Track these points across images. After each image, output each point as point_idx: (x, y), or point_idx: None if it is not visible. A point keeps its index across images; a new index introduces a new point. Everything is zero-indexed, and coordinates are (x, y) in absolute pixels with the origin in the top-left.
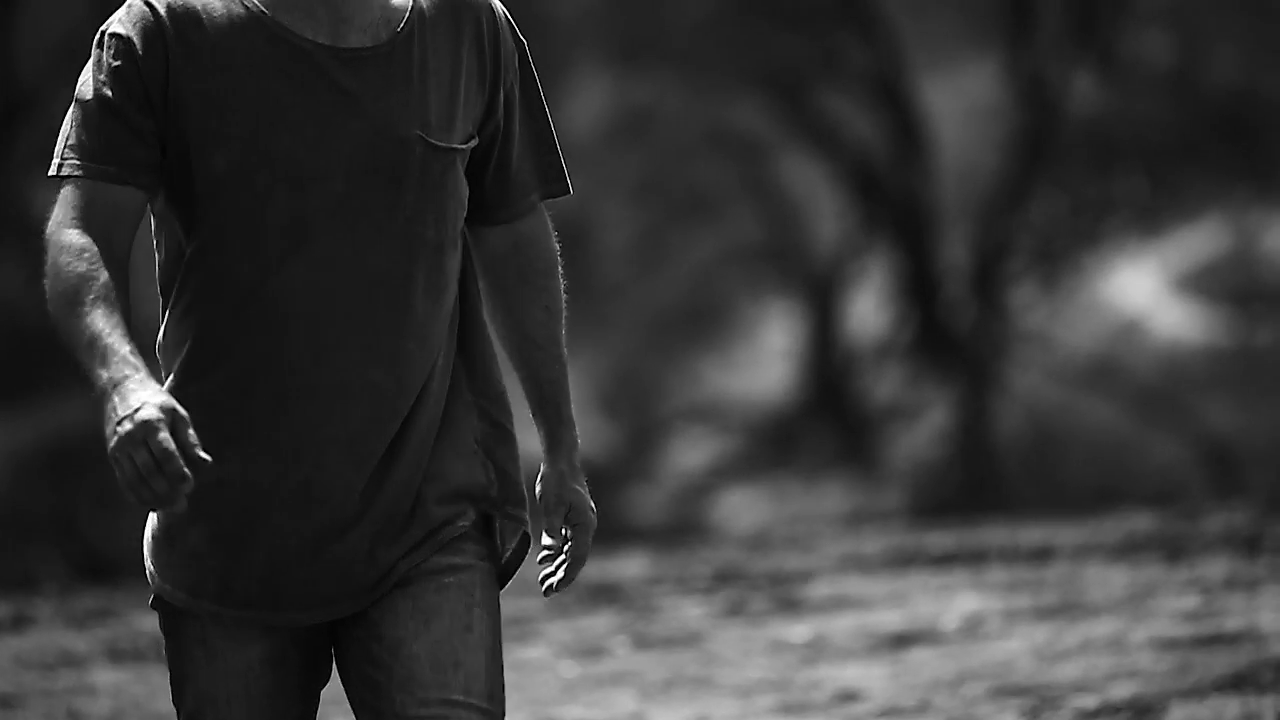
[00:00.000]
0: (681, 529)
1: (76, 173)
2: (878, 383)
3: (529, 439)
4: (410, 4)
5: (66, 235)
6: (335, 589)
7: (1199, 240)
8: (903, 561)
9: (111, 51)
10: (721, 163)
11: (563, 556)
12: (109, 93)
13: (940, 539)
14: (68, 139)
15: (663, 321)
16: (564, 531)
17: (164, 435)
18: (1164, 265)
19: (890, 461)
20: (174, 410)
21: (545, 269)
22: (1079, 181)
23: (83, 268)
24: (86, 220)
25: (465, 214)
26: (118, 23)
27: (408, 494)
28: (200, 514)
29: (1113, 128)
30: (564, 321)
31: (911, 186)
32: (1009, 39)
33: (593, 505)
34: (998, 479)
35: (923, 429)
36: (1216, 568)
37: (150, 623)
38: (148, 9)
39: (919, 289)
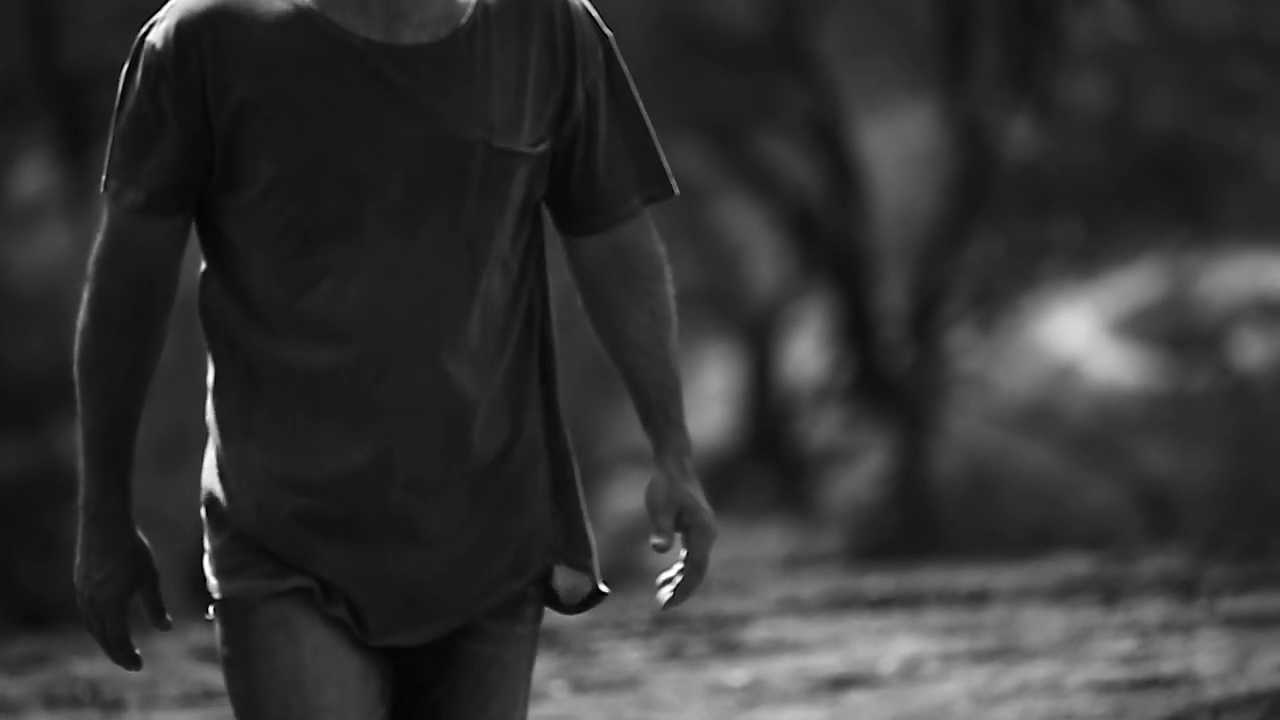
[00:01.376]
0: (620, 572)
1: (118, 196)
2: (816, 425)
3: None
4: None
5: (101, 279)
6: (418, 610)
7: (1135, 284)
8: (841, 605)
9: (150, 60)
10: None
11: (679, 564)
12: (148, 107)
13: (878, 582)
14: (110, 157)
15: (601, 363)
16: (678, 536)
17: (112, 628)
18: (1100, 309)
19: (828, 504)
20: (125, 596)
21: (649, 273)
22: (1016, 225)
23: (107, 334)
24: (129, 252)
25: (537, 230)
26: (156, 28)
27: (493, 529)
28: (295, 515)
29: (1049, 171)
30: (674, 328)
31: (849, 230)
32: (946, 83)
33: (709, 510)
34: (935, 522)
35: (861, 472)
36: (1153, 611)
37: (87, 668)
38: (185, 13)
39: (857, 332)
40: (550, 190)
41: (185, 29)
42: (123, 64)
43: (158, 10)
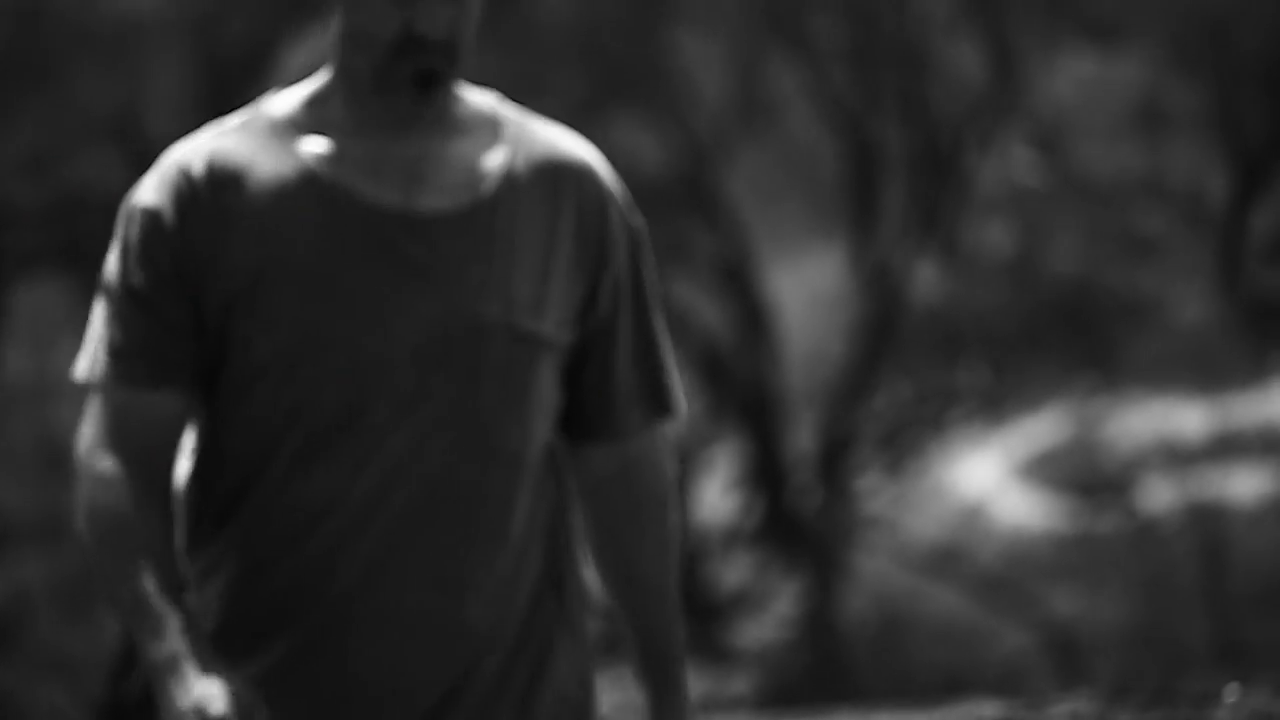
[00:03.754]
0: None
1: (107, 379)
2: (725, 569)
3: None
4: (502, 163)
5: (100, 462)
6: None
7: (1042, 428)
8: None
9: (138, 229)
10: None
11: None
12: (137, 281)
13: None
14: (96, 337)
15: None
16: None
17: None
18: (1007, 452)
19: (739, 648)
20: (247, 707)
21: (657, 498)
22: (923, 368)
23: (121, 507)
24: (121, 438)
25: (554, 425)
26: (145, 192)
27: None
28: None
29: (956, 316)
30: (677, 558)
31: (758, 373)
32: (853, 227)
33: None
34: (845, 665)
35: (771, 615)
36: None
37: None
38: (179, 172)
39: (766, 475)
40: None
41: (181, 189)
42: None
43: (62, 157)
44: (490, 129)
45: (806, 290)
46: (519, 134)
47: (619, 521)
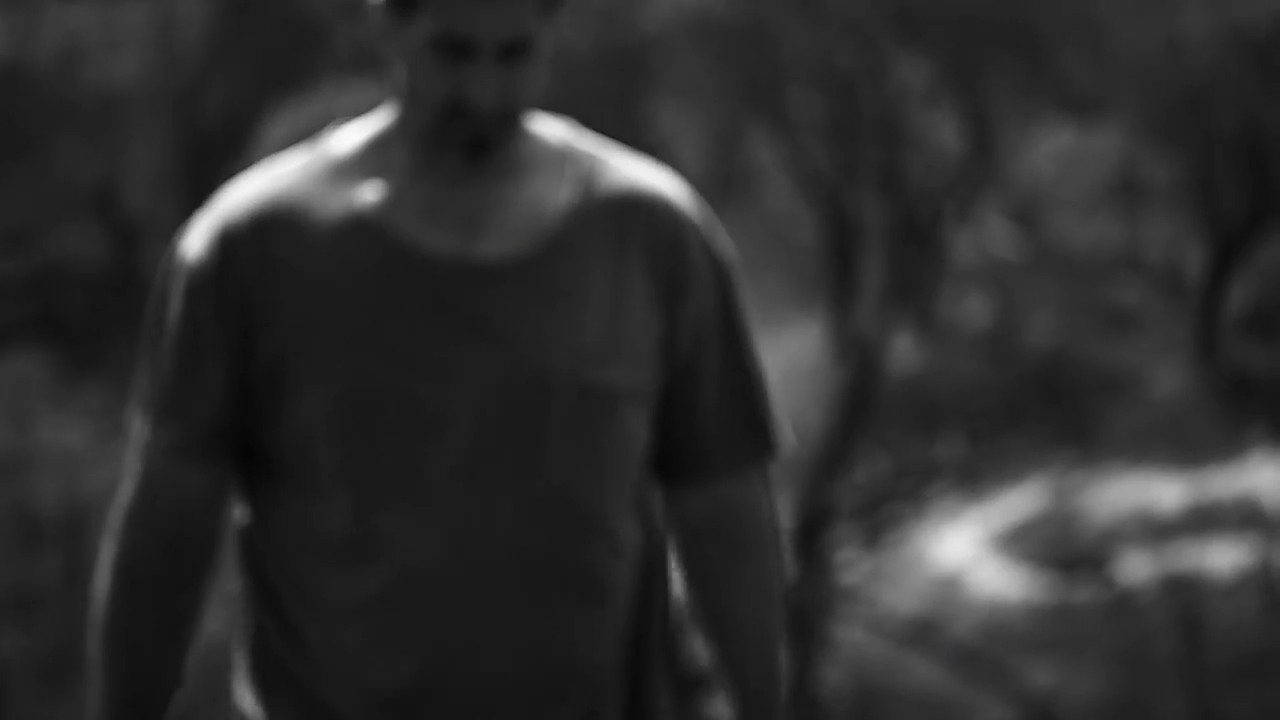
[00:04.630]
0: None
1: (151, 437)
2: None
3: None
4: (568, 202)
5: (127, 533)
6: None
7: (1019, 500)
8: None
9: (182, 282)
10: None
11: None
12: (178, 339)
13: None
14: (140, 390)
15: None
16: None
17: None
18: (985, 524)
19: None
20: None
21: (757, 543)
22: (902, 440)
23: (146, 592)
24: (162, 503)
25: (642, 475)
26: (190, 242)
27: None
28: None
29: (934, 388)
30: (780, 608)
31: None
32: (832, 300)
33: None
34: None
35: None
36: None
37: None
38: (227, 220)
39: None
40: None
41: (228, 238)
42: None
43: (41, 230)
44: (559, 166)
45: (785, 361)
46: (590, 170)
47: (716, 568)
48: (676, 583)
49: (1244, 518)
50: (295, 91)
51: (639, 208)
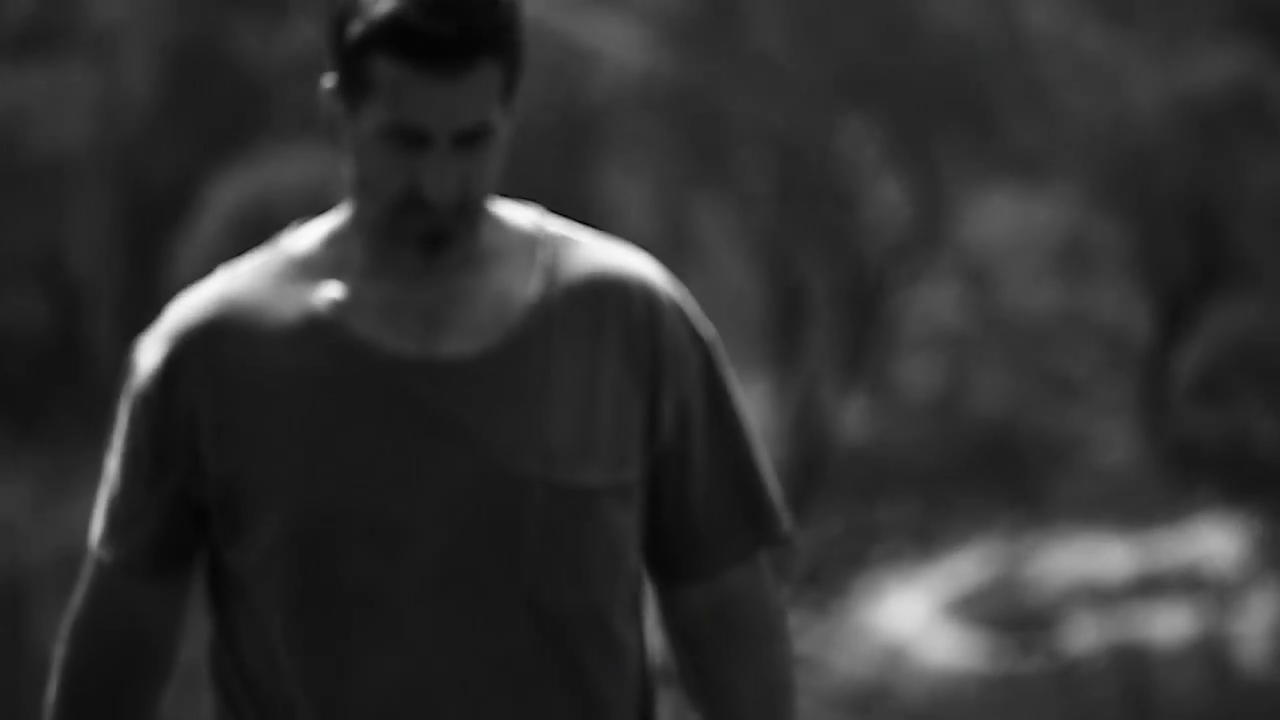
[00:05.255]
0: None
1: (100, 549)
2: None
3: None
4: (537, 292)
5: (81, 647)
6: None
7: (968, 567)
8: None
9: (135, 395)
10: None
11: None
12: (133, 450)
13: None
14: (98, 509)
15: None
16: None
17: None
18: (934, 591)
19: None
20: None
21: (759, 636)
22: (850, 507)
23: (90, 708)
24: (110, 619)
25: (632, 574)
26: (145, 351)
27: None
28: None
29: (882, 454)
30: (791, 699)
31: None
32: (780, 366)
33: None
34: None
35: None
36: None
37: None
38: (181, 328)
39: None
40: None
41: (174, 347)
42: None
43: None
44: (524, 255)
45: None
46: (558, 256)
47: (716, 666)
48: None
49: (1190, 585)
50: (241, 155)
51: (611, 293)
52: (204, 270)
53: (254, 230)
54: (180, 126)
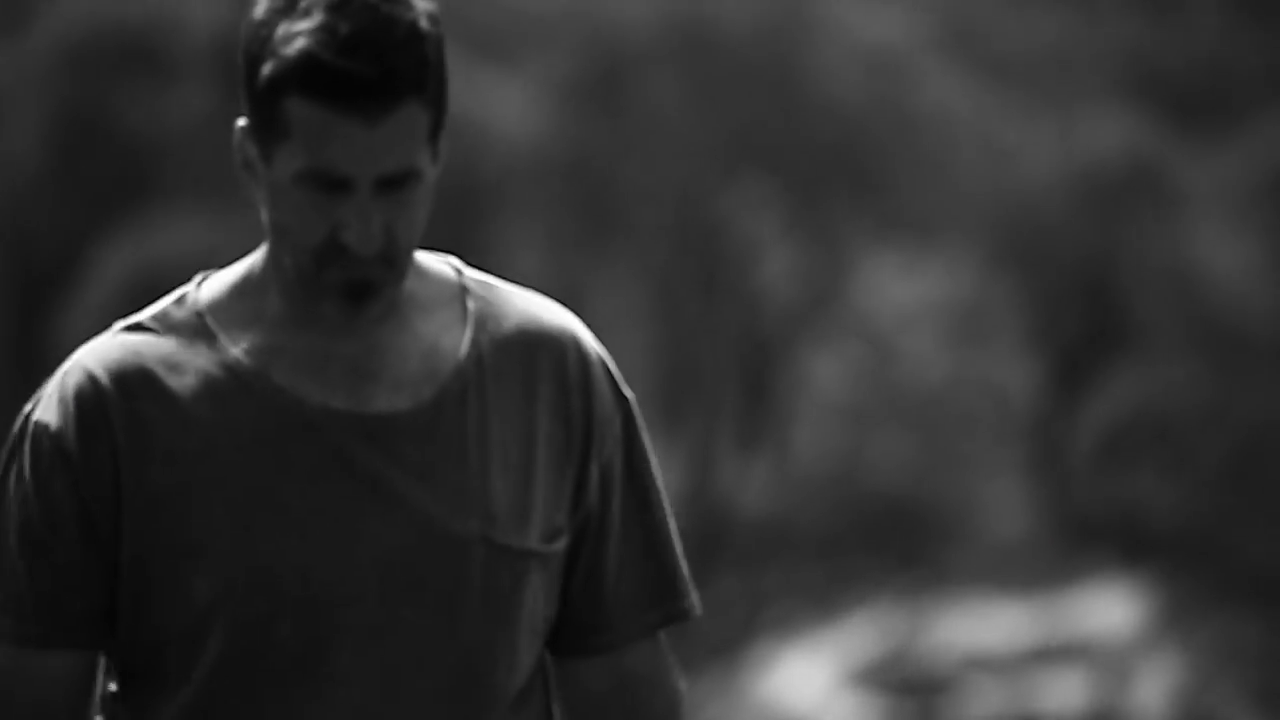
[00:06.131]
0: None
1: (2, 633)
2: None
3: None
4: (465, 346)
5: None
6: None
7: (866, 635)
8: None
9: (31, 456)
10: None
11: None
12: (30, 518)
13: None
14: None
15: None
16: None
17: None
18: (833, 660)
19: None
20: None
21: (660, 712)
22: (747, 576)
23: None
24: (14, 696)
25: (542, 646)
26: (44, 406)
27: None
28: None
29: (777, 526)
30: None
31: None
32: (679, 436)
33: None
34: None
35: None
36: None
37: None
38: (85, 379)
39: None
40: None
41: (89, 402)
42: None
43: None
44: (451, 306)
45: None
46: (486, 308)
47: None
48: None
49: (1083, 652)
50: (129, 221)
51: (543, 348)
52: (91, 335)
53: (142, 295)
54: (67, 191)
